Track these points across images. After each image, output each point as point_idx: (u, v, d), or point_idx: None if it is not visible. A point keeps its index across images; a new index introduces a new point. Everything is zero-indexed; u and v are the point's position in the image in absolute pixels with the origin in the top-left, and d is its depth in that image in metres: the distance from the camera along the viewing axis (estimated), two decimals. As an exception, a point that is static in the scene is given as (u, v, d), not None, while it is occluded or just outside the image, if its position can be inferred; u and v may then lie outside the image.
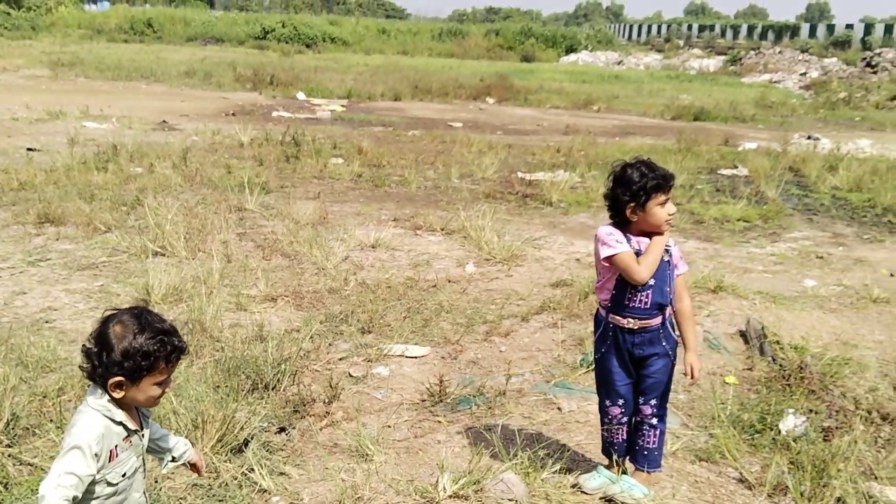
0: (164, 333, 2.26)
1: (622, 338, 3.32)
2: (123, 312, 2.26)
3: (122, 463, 2.28)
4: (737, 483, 3.55)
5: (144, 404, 2.33)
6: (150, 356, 2.21)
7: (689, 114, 21.45)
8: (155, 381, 2.26)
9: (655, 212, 3.23)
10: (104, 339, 2.21)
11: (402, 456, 3.91)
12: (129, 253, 7.06)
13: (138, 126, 14.94)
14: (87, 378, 2.29)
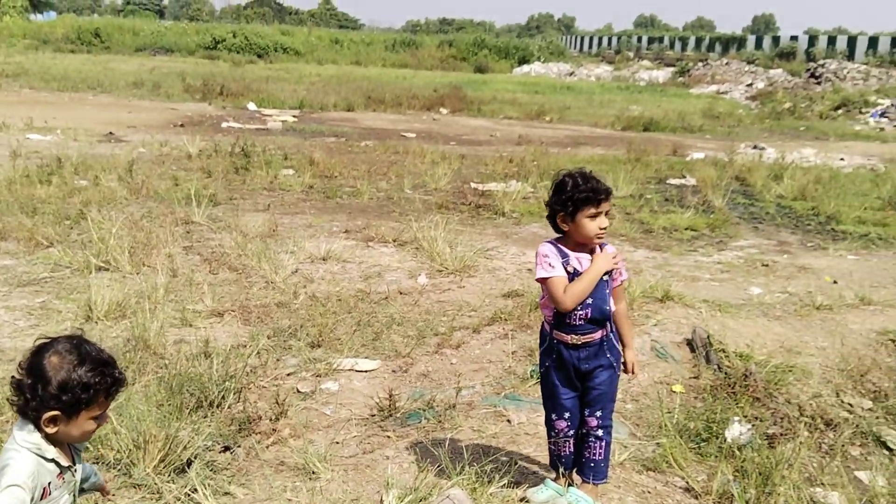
0: (105, 365, 2.16)
1: (567, 353, 3.32)
2: (59, 342, 2.13)
3: (55, 501, 2.17)
4: (683, 492, 3.57)
5: (78, 440, 2.22)
6: (89, 389, 2.10)
7: (639, 124, 21.76)
8: (92, 416, 2.15)
9: (584, 224, 3.23)
10: (39, 371, 2.07)
11: (349, 473, 3.85)
12: (71, 268, 6.89)
13: (84, 138, 14.63)
14: (18, 412, 2.15)
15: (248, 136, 14.09)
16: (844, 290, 7.05)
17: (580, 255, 3.27)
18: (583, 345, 3.29)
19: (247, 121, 19.04)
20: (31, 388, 2.08)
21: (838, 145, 19.00)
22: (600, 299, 3.25)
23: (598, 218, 3.23)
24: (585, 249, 3.30)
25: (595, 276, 3.21)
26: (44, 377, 2.06)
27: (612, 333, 3.33)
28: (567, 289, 3.21)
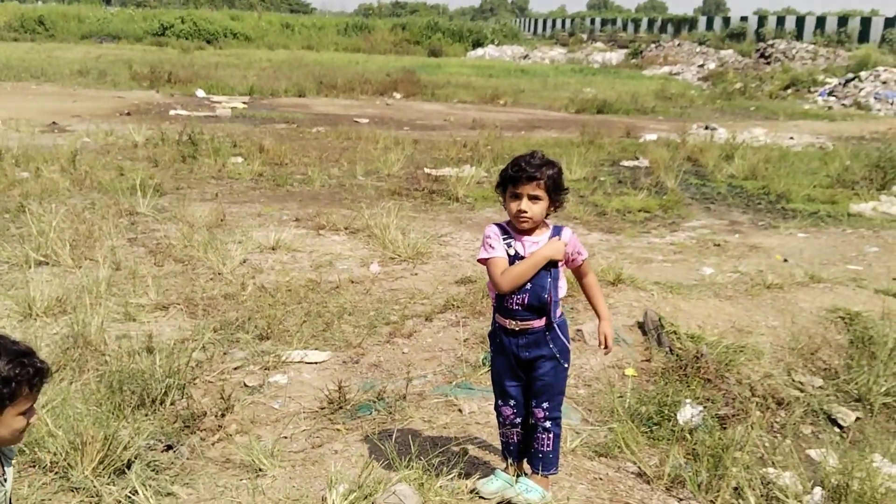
0: (23, 355, 2.03)
1: (507, 339, 3.26)
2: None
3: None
4: (635, 478, 3.54)
5: (9, 440, 2.09)
6: (10, 382, 1.98)
7: (593, 107, 21.81)
8: (19, 411, 2.03)
9: (508, 203, 3.21)
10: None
11: (296, 469, 3.75)
12: (9, 263, 6.64)
13: (26, 128, 14.18)
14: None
15: (197, 124, 13.79)
16: (795, 268, 7.11)
17: (526, 239, 3.20)
18: (521, 331, 3.22)
19: (195, 108, 18.66)
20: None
21: (788, 124, 19.26)
22: (539, 287, 3.16)
23: (519, 199, 3.16)
24: (534, 233, 3.22)
25: (536, 261, 3.13)
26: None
27: (557, 325, 3.24)
28: (505, 271, 3.15)
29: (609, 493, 3.35)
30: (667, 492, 3.42)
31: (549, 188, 3.15)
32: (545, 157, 3.21)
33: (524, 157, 3.19)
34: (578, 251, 3.26)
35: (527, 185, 3.13)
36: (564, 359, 3.27)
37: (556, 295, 3.20)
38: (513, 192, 3.16)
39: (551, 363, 3.25)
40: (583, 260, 3.28)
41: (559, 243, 3.18)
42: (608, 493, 3.35)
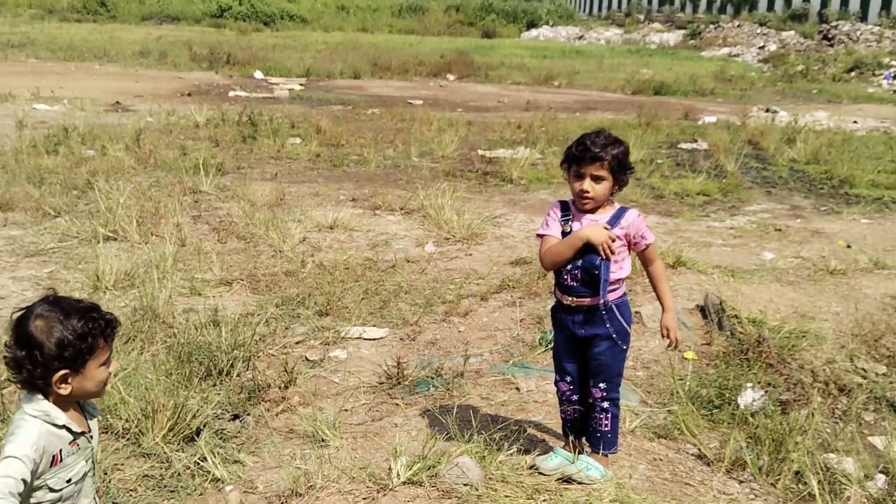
0: (91, 310, 2.13)
1: (564, 316, 3.28)
2: (35, 307, 2.09)
3: (68, 468, 2.13)
4: (695, 459, 3.54)
5: (95, 392, 2.19)
6: (86, 337, 2.07)
7: (650, 88, 21.52)
8: (99, 363, 2.13)
9: (571, 182, 3.20)
10: (30, 339, 2.04)
11: (358, 441, 3.84)
12: (79, 238, 6.87)
13: (91, 108, 14.57)
14: (23, 387, 2.12)
15: (255, 105, 13.98)
16: (858, 254, 6.97)
17: (585, 218, 3.19)
18: (576, 308, 3.22)
19: (254, 89, 18.92)
20: (28, 358, 2.04)
21: (851, 108, 18.74)
22: (589, 264, 3.14)
23: (581, 179, 3.14)
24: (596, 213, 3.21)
25: (572, 241, 3.12)
26: (37, 343, 2.03)
27: (616, 305, 3.22)
28: (547, 249, 3.17)
29: (669, 474, 3.36)
30: (727, 474, 3.41)
31: (614, 168, 3.11)
32: (611, 135, 3.19)
33: (589, 136, 3.16)
34: (642, 234, 3.21)
35: (590, 166, 3.10)
36: (622, 340, 3.26)
37: (605, 273, 3.14)
38: (576, 171, 3.15)
39: (607, 343, 3.24)
40: (646, 244, 3.23)
41: (599, 226, 3.14)
42: (668, 474, 3.36)
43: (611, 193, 3.20)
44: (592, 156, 3.10)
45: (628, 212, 3.24)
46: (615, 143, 3.15)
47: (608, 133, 3.20)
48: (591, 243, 3.10)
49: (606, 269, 3.15)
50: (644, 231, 3.22)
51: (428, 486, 2.91)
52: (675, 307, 3.42)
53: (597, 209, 3.21)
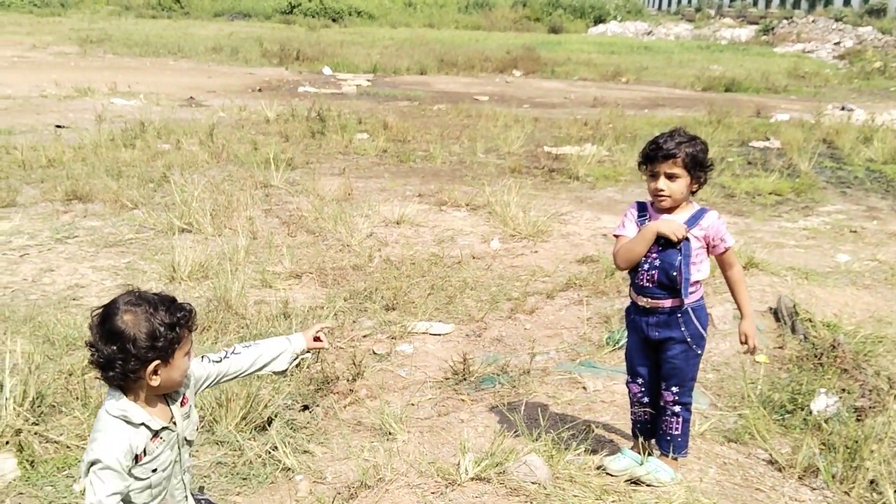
0: (173, 301, 2.19)
1: (638, 317, 3.25)
2: (118, 302, 2.12)
3: (155, 460, 2.20)
4: (766, 465, 3.48)
5: (179, 381, 2.23)
6: (174, 327, 2.12)
7: (721, 85, 21.10)
8: (184, 352, 2.19)
9: (648, 182, 3.16)
10: (120, 334, 2.06)
11: (425, 435, 3.88)
12: (155, 230, 7.08)
13: (165, 102, 14.98)
14: (115, 381, 2.15)
15: (324, 101, 14.18)
16: (939, 258, 6.73)
17: (664, 217, 3.16)
18: (651, 310, 3.19)
19: (322, 85, 19.18)
20: (120, 353, 2.07)
21: (933, 106, 18.05)
22: (668, 263, 3.09)
23: (656, 178, 3.11)
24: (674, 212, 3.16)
25: (645, 235, 3.08)
26: (128, 337, 2.06)
27: (692, 308, 3.18)
28: (620, 247, 3.15)
29: (740, 479, 3.31)
30: (799, 481, 3.35)
31: (689, 165, 3.07)
32: (687, 133, 3.14)
33: (663, 135, 3.13)
34: (722, 237, 3.14)
35: (663, 164, 3.07)
36: (697, 344, 3.22)
37: (686, 273, 3.10)
38: (651, 170, 3.13)
39: (681, 346, 3.20)
40: (725, 248, 3.16)
41: (673, 221, 3.10)
42: (739, 479, 3.31)
43: (690, 193, 3.15)
44: (665, 153, 3.07)
45: (708, 213, 3.18)
46: (690, 140, 3.10)
47: (683, 131, 3.16)
48: (662, 234, 3.07)
49: (687, 268, 3.10)
50: (724, 234, 3.16)
51: (496, 482, 2.93)
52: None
53: (674, 209, 3.16)
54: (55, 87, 16.04)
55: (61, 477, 3.56)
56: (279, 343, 2.60)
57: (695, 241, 3.11)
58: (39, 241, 6.73)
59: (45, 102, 14.54)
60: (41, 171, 9.04)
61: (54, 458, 3.67)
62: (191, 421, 2.32)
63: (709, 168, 3.14)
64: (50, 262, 6.27)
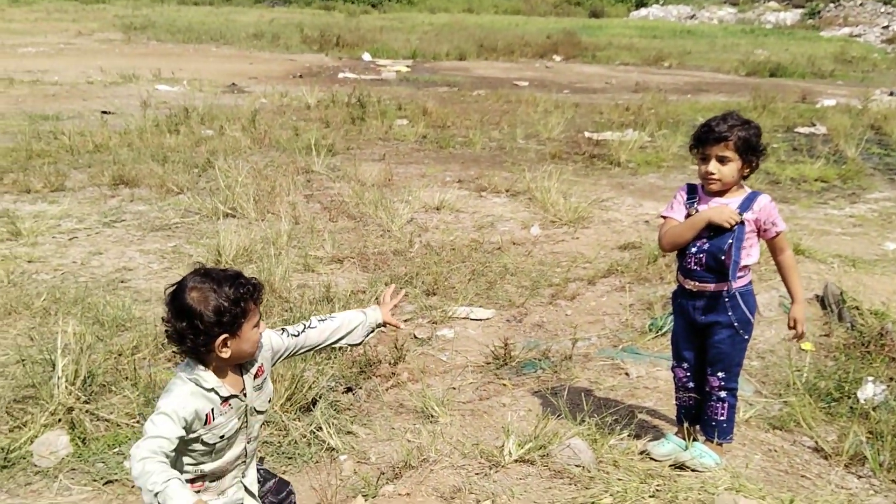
0: (237, 277, 2.26)
1: (685, 301, 3.23)
2: (187, 279, 2.22)
3: (221, 426, 2.28)
4: (812, 452, 3.45)
5: (250, 353, 2.31)
6: (240, 301, 2.20)
7: (765, 69, 20.73)
8: (252, 324, 2.26)
9: (699, 165, 3.14)
10: (189, 311, 2.16)
11: (467, 418, 3.91)
12: (200, 214, 7.19)
13: (208, 88, 15.15)
14: (189, 354, 2.25)
15: (364, 87, 14.23)
16: None
17: (713, 201, 3.13)
18: (698, 293, 3.17)
19: (362, 71, 19.24)
20: (190, 328, 2.16)
21: None
22: (717, 247, 3.07)
23: (706, 161, 3.09)
24: (725, 196, 3.14)
25: (694, 222, 3.06)
26: (196, 313, 2.15)
27: (739, 293, 3.15)
28: (667, 230, 3.13)
29: (785, 466, 3.29)
30: (845, 468, 3.31)
31: (740, 149, 3.03)
32: (739, 116, 3.10)
33: (716, 118, 3.11)
34: (773, 221, 3.11)
35: (714, 147, 3.06)
36: (744, 329, 3.19)
37: (736, 256, 3.06)
38: (702, 153, 3.11)
39: (728, 331, 3.18)
40: (777, 232, 3.12)
41: (725, 207, 3.06)
42: (784, 466, 3.29)
43: (741, 177, 3.12)
44: (716, 136, 3.05)
45: (760, 196, 3.14)
46: (742, 123, 3.07)
47: (737, 114, 3.12)
48: (714, 223, 3.05)
49: (738, 251, 3.06)
50: (776, 218, 3.12)
51: (540, 465, 2.95)
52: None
53: (725, 192, 3.13)
54: (101, 74, 16.31)
55: (112, 454, 3.65)
56: (355, 316, 2.66)
57: (747, 224, 3.08)
58: (88, 224, 6.88)
59: (91, 88, 14.80)
60: (88, 155, 9.22)
61: (105, 436, 3.76)
62: (263, 391, 2.40)
63: (762, 152, 3.10)
64: (98, 245, 6.40)
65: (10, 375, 4.23)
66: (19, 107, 12.60)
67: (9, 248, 6.22)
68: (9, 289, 5.38)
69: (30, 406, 3.91)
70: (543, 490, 2.79)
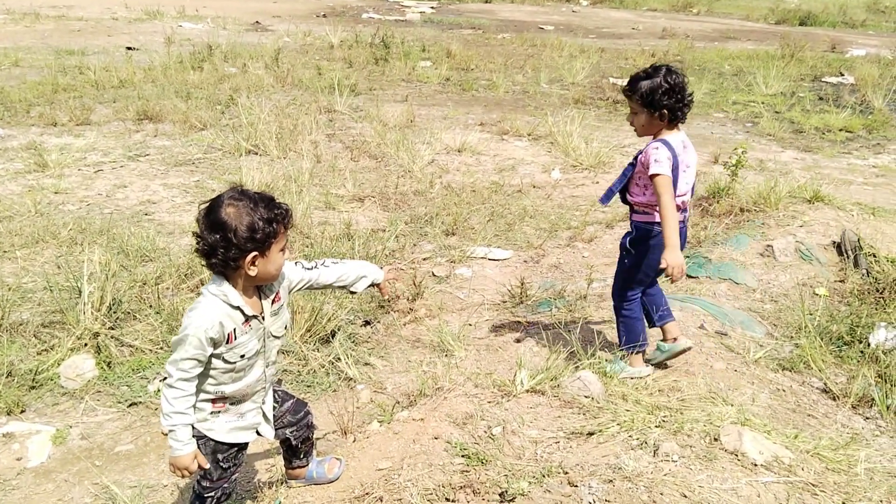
0: (272, 199, 2.31)
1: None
2: (223, 196, 2.26)
3: (242, 345, 2.35)
4: (820, 393, 3.50)
5: (274, 275, 2.36)
6: (272, 222, 2.25)
7: (795, 18, 20.33)
8: (279, 247, 2.31)
9: None
10: (223, 225, 2.20)
11: (481, 353, 3.99)
12: (223, 150, 7.26)
13: (232, 26, 15.09)
14: (217, 269, 2.30)
15: (388, 28, 14.12)
16: None
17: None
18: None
19: (386, 12, 19.04)
20: (223, 241, 2.21)
21: None
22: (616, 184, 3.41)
23: None
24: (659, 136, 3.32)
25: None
26: (230, 227, 2.20)
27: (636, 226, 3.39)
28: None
29: (792, 405, 3.35)
30: (853, 409, 3.36)
31: (645, 101, 3.20)
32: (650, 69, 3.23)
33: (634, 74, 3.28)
34: (647, 165, 3.20)
35: (629, 101, 3.29)
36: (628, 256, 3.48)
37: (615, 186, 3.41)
38: None
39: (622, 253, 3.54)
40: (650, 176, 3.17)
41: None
42: (791, 405, 3.35)
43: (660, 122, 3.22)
44: (625, 93, 3.31)
45: (652, 143, 3.25)
46: (646, 76, 3.20)
47: (649, 68, 3.24)
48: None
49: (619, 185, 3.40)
50: (650, 162, 3.18)
51: (550, 395, 3.02)
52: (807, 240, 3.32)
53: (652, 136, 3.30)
54: (125, 10, 16.28)
55: (136, 378, 3.78)
56: (363, 267, 2.73)
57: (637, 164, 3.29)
58: (112, 158, 6.97)
59: (115, 25, 14.78)
60: (113, 91, 9.28)
61: (129, 361, 3.89)
62: (280, 318, 2.47)
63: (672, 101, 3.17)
64: (123, 178, 6.50)
65: (38, 301, 4.37)
66: (45, 41, 12.64)
67: (36, 179, 6.34)
68: (36, 218, 5.50)
69: (57, 330, 4.05)
70: (553, 418, 2.88)
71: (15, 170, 6.56)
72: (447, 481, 2.51)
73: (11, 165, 6.66)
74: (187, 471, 2.34)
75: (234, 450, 2.51)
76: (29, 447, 3.29)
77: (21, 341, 3.97)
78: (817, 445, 2.72)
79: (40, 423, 3.45)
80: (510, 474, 2.51)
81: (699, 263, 4.77)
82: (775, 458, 2.52)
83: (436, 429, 2.88)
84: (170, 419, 2.29)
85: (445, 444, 2.77)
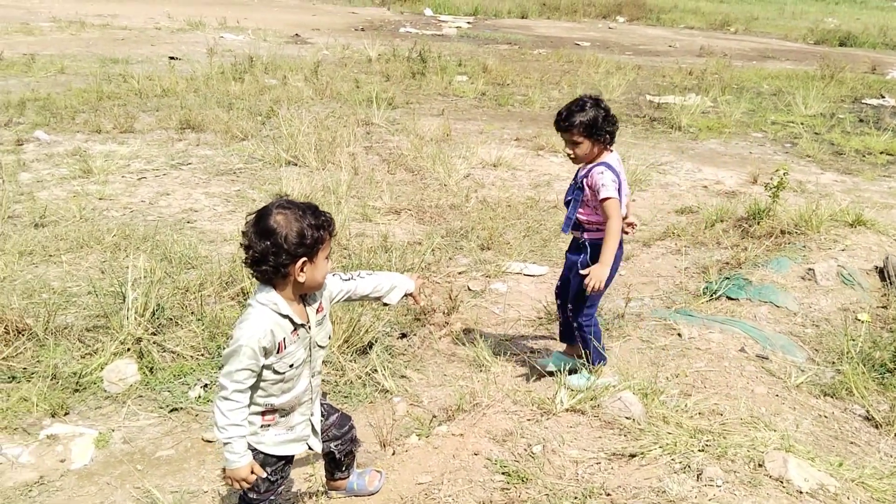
0: (316, 208, 2.37)
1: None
2: (271, 206, 2.32)
3: (291, 355, 2.39)
4: (862, 420, 3.45)
5: (320, 283, 2.42)
6: (320, 228, 2.31)
7: (835, 38, 20.14)
8: (325, 255, 2.37)
9: None
10: (273, 233, 2.26)
11: (517, 368, 3.99)
12: (263, 161, 7.34)
13: (272, 38, 15.28)
14: (267, 277, 2.33)
15: (425, 42, 14.21)
16: None
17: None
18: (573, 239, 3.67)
19: (423, 26, 19.17)
20: (273, 248, 2.26)
21: None
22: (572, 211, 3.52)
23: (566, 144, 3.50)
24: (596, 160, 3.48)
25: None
26: (281, 234, 2.26)
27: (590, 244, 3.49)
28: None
29: (834, 432, 3.31)
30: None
31: (586, 131, 3.36)
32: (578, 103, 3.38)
33: (562, 109, 3.43)
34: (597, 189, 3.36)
35: (565, 134, 3.44)
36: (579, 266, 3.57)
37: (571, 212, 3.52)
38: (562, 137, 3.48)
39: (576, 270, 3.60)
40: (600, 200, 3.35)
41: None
42: (833, 432, 3.31)
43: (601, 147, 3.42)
44: (562, 128, 3.44)
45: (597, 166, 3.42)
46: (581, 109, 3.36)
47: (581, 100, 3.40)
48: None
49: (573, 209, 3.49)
50: (598, 186, 3.35)
51: (590, 415, 3.02)
52: (848, 265, 3.31)
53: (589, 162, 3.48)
54: (168, 20, 16.56)
55: (177, 384, 3.83)
56: (394, 278, 2.77)
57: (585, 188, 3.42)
58: (156, 165, 7.08)
59: (158, 34, 15.04)
60: (156, 99, 9.43)
61: (171, 367, 3.94)
62: (324, 327, 2.51)
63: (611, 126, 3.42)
64: (165, 186, 6.60)
65: (82, 305, 4.44)
66: (90, 50, 12.90)
67: (81, 185, 6.46)
68: (81, 223, 5.61)
69: (100, 335, 4.11)
70: (593, 439, 2.87)
71: (61, 175, 6.69)
72: (488, 498, 2.52)
73: (57, 171, 6.80)
74: (245, 482, 2.37)
75: (282, 463, 2.54)
76: (72, 449, 3.34)
77: (66, 344, 4.04)
78: (861, 474, 2.69)
79: (83, 425, 3.50)
80: (551, 494, 2.51)
81: (739, 285, 4.74)
82: (821, 486, 2.50)
83: (475, 445, 2.89)
84: (226, 431, 2.32)
85: (485, 460, 2.78)
